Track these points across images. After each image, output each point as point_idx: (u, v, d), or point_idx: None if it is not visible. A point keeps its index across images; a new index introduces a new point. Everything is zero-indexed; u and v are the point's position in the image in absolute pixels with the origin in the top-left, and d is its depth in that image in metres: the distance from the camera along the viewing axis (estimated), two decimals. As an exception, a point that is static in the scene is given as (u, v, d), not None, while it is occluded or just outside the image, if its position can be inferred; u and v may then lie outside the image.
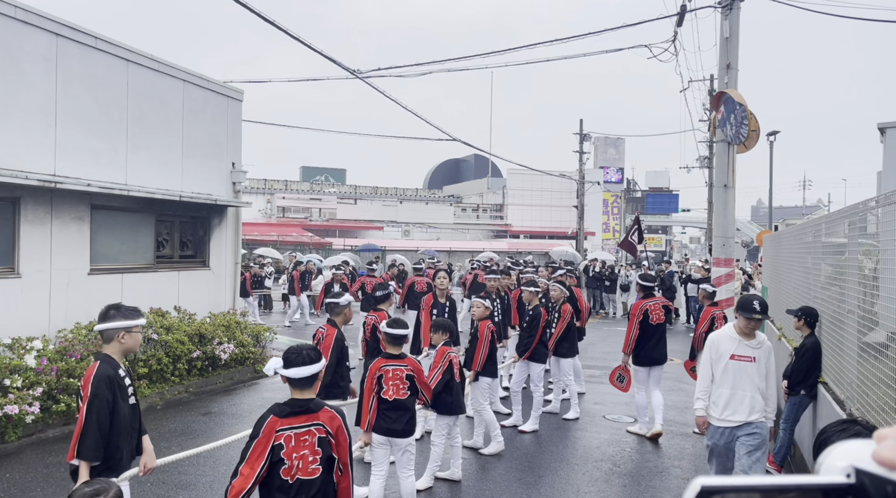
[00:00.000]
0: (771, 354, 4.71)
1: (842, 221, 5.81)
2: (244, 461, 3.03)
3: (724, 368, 4.64)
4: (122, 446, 3.69)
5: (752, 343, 4.66)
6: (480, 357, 6.55)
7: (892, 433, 0.49)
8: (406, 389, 4.77)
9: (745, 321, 4.60)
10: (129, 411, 3.73)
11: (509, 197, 49.95)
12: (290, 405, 3.14)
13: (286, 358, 3.18)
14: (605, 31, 12.10)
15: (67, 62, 8.34)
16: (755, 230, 50.03)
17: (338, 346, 5.42)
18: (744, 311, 4.62)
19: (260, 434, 3.05)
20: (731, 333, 4.74)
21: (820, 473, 0.52)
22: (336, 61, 11.61)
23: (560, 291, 8.34)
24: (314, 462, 3.08)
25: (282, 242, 34.33)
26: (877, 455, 0.48)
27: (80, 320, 8.32)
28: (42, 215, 8.11)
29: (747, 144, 9.89)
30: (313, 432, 3.11)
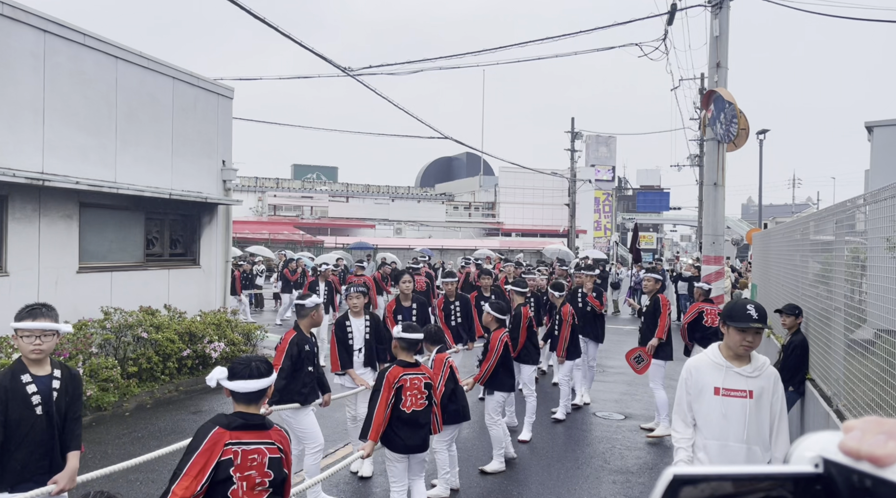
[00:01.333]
0: (778, 383, 3.27)
1: (830, 219, 5.85)
2: (179, 477, 2.63)
3: (707, 408, 3.26)
4: (23, 460, 3.29)
5: (746, 370, 3.20)
6: (486, 370, 6.10)
7: (859, 425, 0.50)
8: (424, 399, 4.55)
9: (739, 335, 3.17)
10: (37, 423, 3.31)
11: (501, 195, 50.02)
12: (242, 417, 2.80)
13: (232, 369, 2.88)
14: (596, 30, 12.14)
15: (56, 59, 8.28)
16: (745, 228, 50.30)
17: (295, 350, 5.06)
18: (735, 320, 3.17)
19: (202, 445, 2.68)
20: (714, 358, 3.29)
21: (790, 462, 0.53)
22: (327, 59, 11.59)
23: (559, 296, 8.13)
24: (262, 484, 2.75)
25: (273, 241, 34.25)
26: (843, 445, 0.49)
27: (68, 319, 8.25)
28: (30, 213, 8.05)
29: (737, 143, 9.96)
30: (264, 452, 2.76)
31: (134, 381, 8.30)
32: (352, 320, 6.11)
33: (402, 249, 34.74)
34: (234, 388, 2.82)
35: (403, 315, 7.12)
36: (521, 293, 7.50)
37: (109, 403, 7.68)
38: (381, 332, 6.31)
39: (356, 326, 6.09)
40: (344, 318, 6.14)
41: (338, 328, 6.07)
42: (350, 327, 6.08)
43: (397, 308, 7.25)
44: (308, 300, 5.30)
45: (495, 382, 6.15)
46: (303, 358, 5.09)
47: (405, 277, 7.58)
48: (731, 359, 3.24)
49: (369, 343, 6.12)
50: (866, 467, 0.47)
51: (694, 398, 3.32)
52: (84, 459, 3.91)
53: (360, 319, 6.13)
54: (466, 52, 34.37)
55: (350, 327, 6.08)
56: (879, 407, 4.19)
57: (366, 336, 6.11)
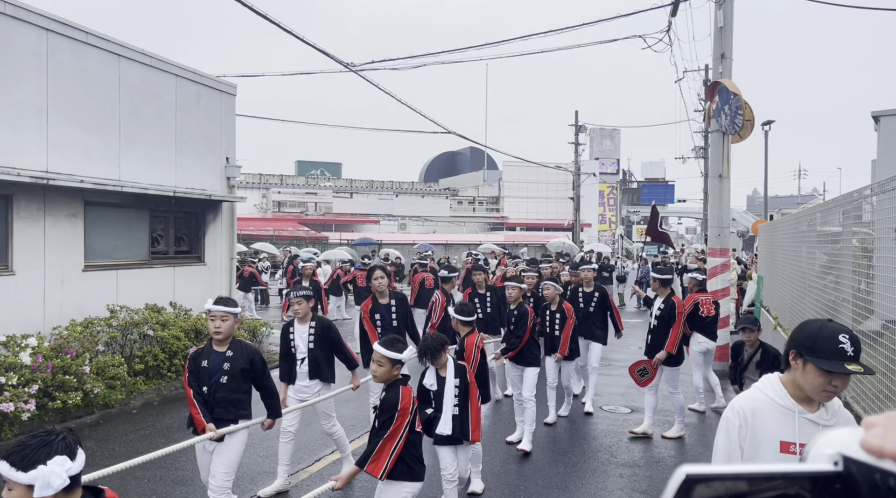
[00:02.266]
0: None
1: (837, 210, 5.82)
2: None
3: None
4: None
5: (821, 417, 2.26)
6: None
7: (882, 421, 0.48)
8: None
9: (823, 378, 2.16)
10: None
11: (505, 189, 49.92)
12: None
13: (7, 456, 2.10)
14: (599, 22, 12.08)
15: (58, 57, 8.28)
16: (751, 220, 50.11)
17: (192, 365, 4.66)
18: (821, 356, 2.15)
19: None
20: (779, 399, 2.30)
21: (807, 460, 0.51)
22: (330, 54, 11.56)
23: (554, 290, 7.40)
24: None
25: (278, 237, 34.30)
26: (865, 443, 0.47)
27: (75, 317, 8.30)
28: (35, 212, 8.07)
29: (742, 134, 9.90)
30: None
31: (141, 378, 8.33)
32: (296, 327, 5.52)
33: (406, 245, 34.75)
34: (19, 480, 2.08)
35: (382, 314, 6.51)
36: (520, 289, 6.92)
37: (116, 400, 7.71)
38: (331, 339, 5.56)
39: (299, 334, 5.49)
40: (289, 324, 5.60)
41: (281, 336, 5.61)
42: (293, 335, 5.50)
43: (374, 307, 6.54)
44: None
45: None
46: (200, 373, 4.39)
47: (377, 273, 6.75)
48: (801, 401, 2.27)
49: (314, 352, 5.46)
50: (891, 466, 0.46)
51: (749, 454, 2.31)
52: (91, 456, 3.93)
53: (304, 325, 5.51)
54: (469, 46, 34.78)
55: (293, 335, 5.50)
56: (888, 398, 4.17)
57: (309, 344, 5.47)
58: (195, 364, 4.44)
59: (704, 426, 7.60)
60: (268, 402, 4.69)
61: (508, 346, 6.66)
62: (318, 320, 5.54)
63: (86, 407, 7.49)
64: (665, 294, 7.23)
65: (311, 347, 5.45)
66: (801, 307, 7.11)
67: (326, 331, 5.52)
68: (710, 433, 7.30)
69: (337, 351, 5.61)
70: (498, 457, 6.35)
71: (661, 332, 7.02)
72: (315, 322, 5.52)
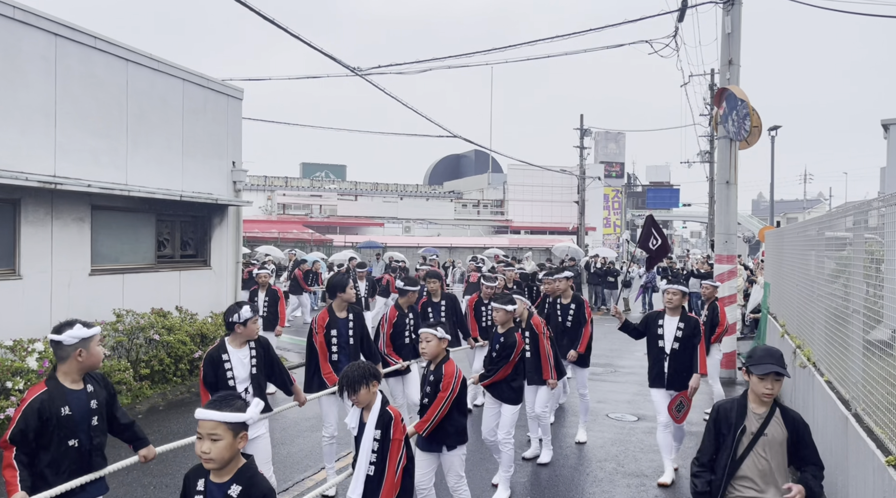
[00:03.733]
0: None
1: (848, 218, 5.78)
2: None
3: None
4: None
5: None
6: (436, 416, 4.37)
7: None
8: None
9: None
10: None
11: (510, 192, 49.92)
12: None
13: None
14: (606, 28, 12.06)
15: (66, 62, 8.31)
16: (756, 225, 49.97)
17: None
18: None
19: None
20: None
21: None
22: (336, 59, 11.57)
23: (520, 304, 6.04)
24: None
25: (282, 239, 34.33)
26: None
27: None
28: (42, 216, 8.09)
29: (749, 141, 9.87)
30: None
31: (146, 383, 8.33)
32: (231, 352, 4.63)
33: (411, 248, 34.74)
34: None
35: (339, 330, 5.66)
36: (506, 312, 5.66)
37: (122, 405, 7.70)
38: (272, 358, 4.82)
39: (237, 360, 4.62)
40: (218, 350, 4.62)
41: (209, 365, 4.57)
42: (228, 362, 4.59)
43: (331, 322, 5.66)
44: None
45: (452, 431, 4.45)
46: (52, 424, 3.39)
47: (350, 283, 5.82)
48: None
49: (257, 379, 4.67)
50: None
51: None
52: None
53: (242, 349, 4.67)
54: (475, 52, 34.56)
55: (228, 362, 4.59)
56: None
57: (252, 370, 4.66)
58: None
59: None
60: None
61: (486, 372, 5.68)
62: (256, 341, 4.75)
63: (92, 411, 7.48)
64: (680, 311, 6.05)
65: (253, 373, 4.66)
66: (810, 315, 7.07)
67: (267, 350, 4.82)
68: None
69: (278, 372, 4.85)
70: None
71: (685, 354, 5.89)
72: (255, 343, 4.73)
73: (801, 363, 6.63)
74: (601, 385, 9.88)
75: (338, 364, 5.58)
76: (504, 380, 5.57)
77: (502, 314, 5.64)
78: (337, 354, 5.64)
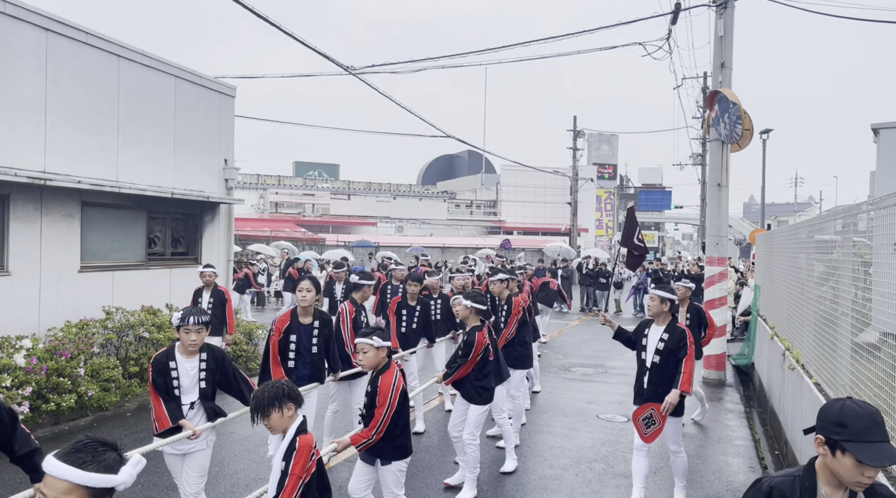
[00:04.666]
0: None
1: (837, 222, 5.81)
2: None
3: None
4: None
5: None
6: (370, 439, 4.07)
7: None
8: None
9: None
10: None
11: (503, 193, 49.98)
12: None
13: None
14: (599, 29, 12.09)
15: (57, 57, 8.25)
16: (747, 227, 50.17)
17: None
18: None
19: None
20: None
21: None
22: (330, 58, 11.55)
23: (463, 308, 5.59)
24: None
25: (274, 238, 34.22)
26: None
27: (70, 318, 8.25)
28: (32, 212, 8.03)
29: (741, 144, 9.92)
30: None
31: (136, 381, 8.28)
32: (179, 361, 4.25)
33: (403, 247, 34.72)
34: None
35: (299, 336, 5.42)
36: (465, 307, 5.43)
37: (111, 403, 7.66)
38: (227, 370, 4.40)
39: (185, 370, 4.25)
40: (166, 355, 4.26)
41: (157, 371, 4.20)
42: (175, 371, 4.23)
43: (291, 326, 5.41)
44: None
45: (387, 446, 4.15)
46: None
47: (304, 283, 5.50)
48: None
49: (206, 392, 4.30)
50: None
51: None
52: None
53: (192, 359, 4.28)
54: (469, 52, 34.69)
55: (175, 371, 4.23)
56: (886, 413, 4.16)
57: (200, 383, 4.28)
58: None
59: (703, 437, 7.59)
60: None
61: (448, 370, 5.59)
62: (209, 350, 4.36)
63: (80, 409, 7.44)
64: (667, 320, 5.37)
65: (202, 387, 4.27)
66: (800, 318, 7.11)
67: (222, 363, 4.38)
68: (708, 444, 7.29)
69: (235, 384, 4.43)
70: (492, 464, 6.32)
71: (666, 369, 5.24)
72: (206, 353, 4.32)
73: (790, 365, 6.67)
74: (591, 386, 9.90)
75: (294, 372, 5.32)
76: (467, 379, 5.43)
77: (462, 309, 5.42)
78: (294, 362, 5.35)
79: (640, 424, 5.32)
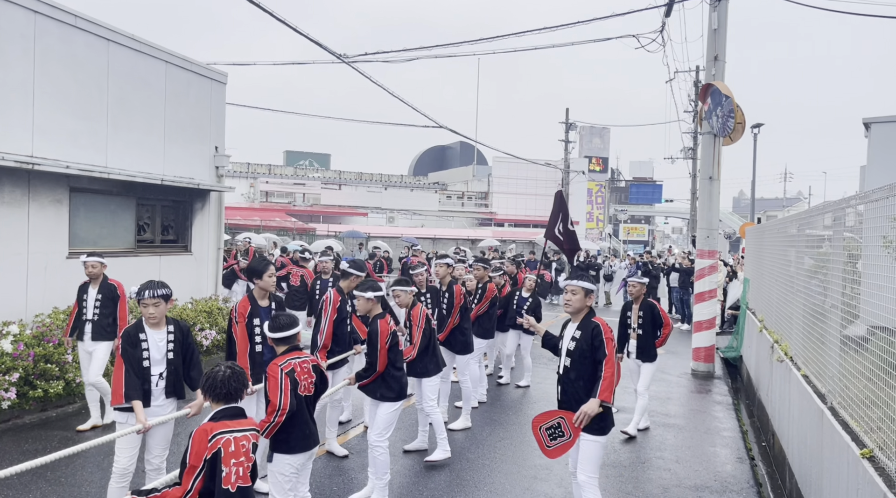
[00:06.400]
0: None
1: (828, 216, 5.84)
2: None
3: None
4: None
5: None
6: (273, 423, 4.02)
7: None
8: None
9: None
10: None
11: (494, 185, 49.96)
12: None
13: None
14: (593, 21, 12.06)
15: (46, 41, 8.13)
16: (737, 221, 50.48)
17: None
18: None
19: None
20: None
21: None
22: (322, 45, 11.46)
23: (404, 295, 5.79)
24: None
25: (265, 227, 34.06)
26: None
27: (57, 305, 8.18)
28: (19, 197, 7.93)
29: (733, 137, 9.94)
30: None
31: (124, 368, 8.22)
32: (148, 332, 4.48)
33: (394, 238, 34.66)
34: None
35: (261, 318, 5.24)
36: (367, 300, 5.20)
37: (99, 390, 7.60)
38: (190, 345, 4.66)
39: (154, 342, 4.49)
40: (136, 328, 4.49)
41: (128, 344, 4.41)
42: (146, 342, 4.46)
43: (253, 311, 5.26)
44: None
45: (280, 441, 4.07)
46: None
47: (270, 269, 5.42)
48: None
49: (173, 364, 4.54)
50: None
51: None
52: (71, 445, 3.87)
53: (159, 330, 4.53)
54: (463, 41, 34.73)
55: (146, 342, 4.46)
56: (874, 404, 4.19)
57: (168, 354, 4.54)
58: None
59: (692, 428, 7.64)
60: None
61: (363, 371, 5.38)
62: (174, 323, 4.64)
63: (67, 396, 7.39)
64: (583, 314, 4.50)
65: (170, 357, 4.53)
66: (788, 311, 7.16)
67: (186, 336, 4.67)
68: (696, 435, 7.34)
69: (190, 363, 4.67)
70: (483, 453, 6.34)
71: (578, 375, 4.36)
72: (172, 326, 4.61)
73: (778, 358, 6.71)
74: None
75: (261, 356, 5.19)
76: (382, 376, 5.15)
77: (363, 303, 5.16)
78: (261, 345, 5.20)
79: (541, 433, 4.44)
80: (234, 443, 3.02)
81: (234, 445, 3.02)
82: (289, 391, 3.89)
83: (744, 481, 5.95)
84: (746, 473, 6.19)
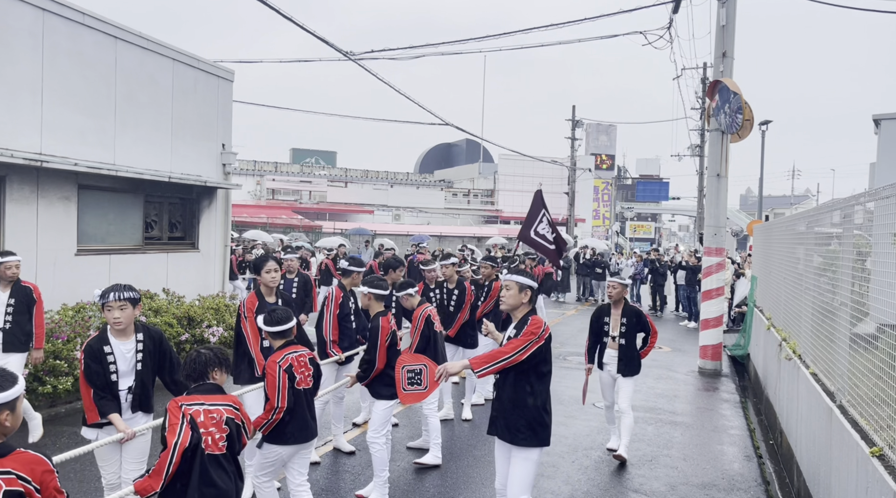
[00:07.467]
0: None
1: (834, 213, 5.81)
2: None
3: None
4: None
5: None
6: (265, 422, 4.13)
7: None
8: None
9: None
10: None
11: (500, 182, 49.88)
12: None
13: None
14: (600, 17, 12.02)
15: (54, 38, 8.16)
16: (744, 219, 50.29)
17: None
18: None
19: None
20: None
21: None
22: (329, 42, 11.46)
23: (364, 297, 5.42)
24: None
25: (271, 225, 34.17)
26: None
27: (66, 302, 8.22)
28: (28, 194, 7.98)
29: (741, 134, 9.89)
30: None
31: (132, 364, 8.26)
32: (113, 344, 4.02)
33: (400, 235, 34.68)
34: None
35: None
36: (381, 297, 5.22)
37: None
38: (165, 353, 4.23)
39: (121, 353, 4.03)
40: (100, 340, 4.02)
41: (90, 358, 3.96)
42: (112, 355, 4.01)
43: (260, 306, 5.25)
44: None
45: None
46: None
47: (269, 265, 5.42)
48: None
49: (142, 376, 4.11)
50: None
51: None
52: (80, 442, 3.88)
53: (126, 340, 4.07)
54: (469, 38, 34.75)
55: (112, 355, 4.01)
56: (885, 402, 4.17)
57: (137, 366, 4.08)
58: None
59: (699, 426, 7.62)
60: None
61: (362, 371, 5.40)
62: (145, 330, 4.17)
63: (76, 392, 7.42)
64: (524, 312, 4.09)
65: (138, 369, 4.09)
66: (796, 308, 7.12)
67: (159, 343, 4.20)
68: (704, 433, 7.32)
69: (171, 369, 4.24)
70: (487, 450, 6.34)
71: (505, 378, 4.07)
72: (142, 334, 4.13)
73: (786, 356, 6.68)
74: (588, 375, 9.92)
75: (269, 351, 5.01)
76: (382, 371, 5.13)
77: (362, 298, 5.13)
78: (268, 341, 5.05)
79: (402, 373, 4.72)
80: (203, 414, 3.16)
81: (202, 415, 3.15)
82: (286, 390, 4.01)
83: (751, 479, 5.93)
84: (754, 471, 6.17)
